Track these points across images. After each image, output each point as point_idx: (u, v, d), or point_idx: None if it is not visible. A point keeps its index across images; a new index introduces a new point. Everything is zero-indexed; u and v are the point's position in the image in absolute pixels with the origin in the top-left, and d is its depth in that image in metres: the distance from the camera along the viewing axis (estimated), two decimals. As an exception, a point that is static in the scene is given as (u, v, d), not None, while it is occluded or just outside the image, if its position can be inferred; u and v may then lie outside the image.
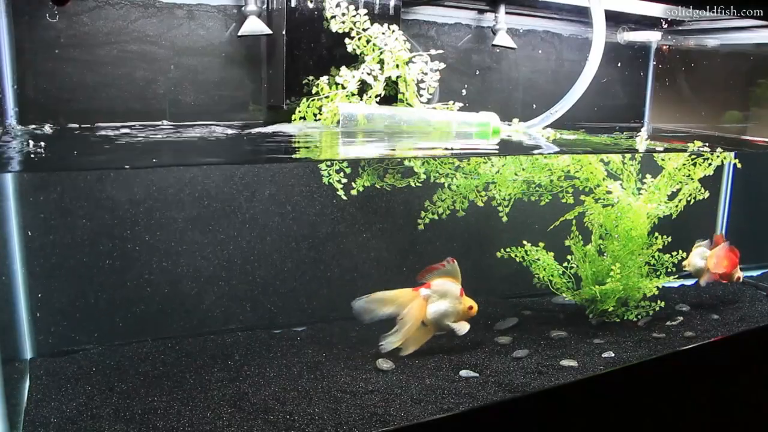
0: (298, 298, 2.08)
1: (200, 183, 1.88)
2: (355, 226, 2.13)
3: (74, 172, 1.74)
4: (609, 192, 2.09)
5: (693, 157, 2.15)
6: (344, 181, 1.90)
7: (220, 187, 1.91)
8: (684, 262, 2.31)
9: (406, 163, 2.00)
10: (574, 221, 2.16)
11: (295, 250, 2.05)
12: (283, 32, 1.73)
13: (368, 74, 1.75)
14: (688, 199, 2.20)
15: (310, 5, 1.74)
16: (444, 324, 1.82)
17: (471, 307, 1.85)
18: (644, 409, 1.81)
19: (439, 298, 1.80)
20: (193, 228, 1.89)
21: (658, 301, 2.20)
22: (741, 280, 2.39)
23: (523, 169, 2.07)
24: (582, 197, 2.12)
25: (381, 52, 1.77)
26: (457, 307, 1.82)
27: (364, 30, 1.75)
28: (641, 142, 2.13)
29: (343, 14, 1.73)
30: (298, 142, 1.66)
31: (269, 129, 1.75)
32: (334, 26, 1.74)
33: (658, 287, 2.17)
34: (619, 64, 2.54)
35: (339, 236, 2.11)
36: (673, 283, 2.43)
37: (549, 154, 2.04)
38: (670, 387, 1.86)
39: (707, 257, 2.32)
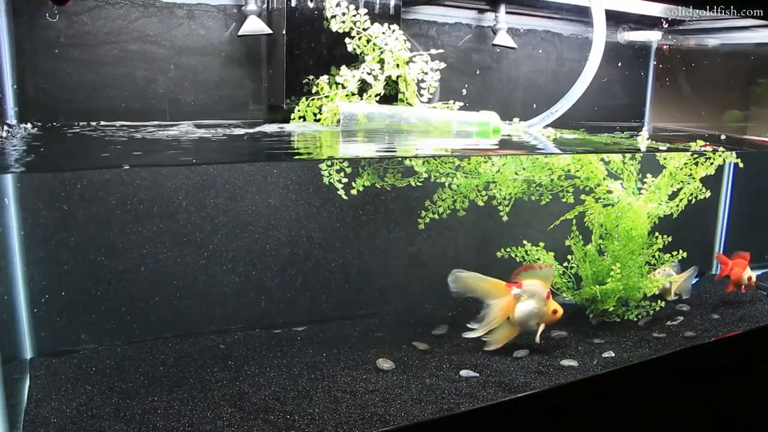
0: (298, 298, 2.08)
1: (200, 183, 1.88)
2: (355, 225, 2.13)
3: (74, 171, 1.74)
4: (609, 191, 2.09)
5: (695, 156, 2.15)
6: (345, 180, 1.90)
7: (220, 186, 1.91)
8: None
9: (407, 162, 2.00)
10: (574, 221, 2.16)
11: (295, 250, 2.05)
12: (283, 32, 1.73)
13: (368, 74, 1.75)
14: (689, 198, 2.20)
15: (311, 5, 1.74)
16: (529, 325, 1.84)
17: (555, 311, 1.87)
18: (644, 409, 1.81)
19: (528, 298, 1.83)
20: (193, 228, 1.89)
21: (659, 301, 2.20)
22: (753, 280, 2.40)
23: (524, 169, 2.06)
24: (582, 197, 2.12)
25: (381, 52, 1.77)
26: (543, 309, 1.84)
27: (364, 29, 1.75)
28: (642, 141, 2.13)
29: (344, 14, 1.73)
30: (298, 141, 1.66)
31: (270, 128, 1.76)
32: (335, 26, 1.74)
33: (658, 287, 2.17)
34: (619, 64, 2.54)
35: (339, 236, 2.11)
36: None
37: (549, 153, 2.04)
38: (670, 387, 1.86)
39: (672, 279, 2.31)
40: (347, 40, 1.75)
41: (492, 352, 1.88)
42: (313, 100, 1.77)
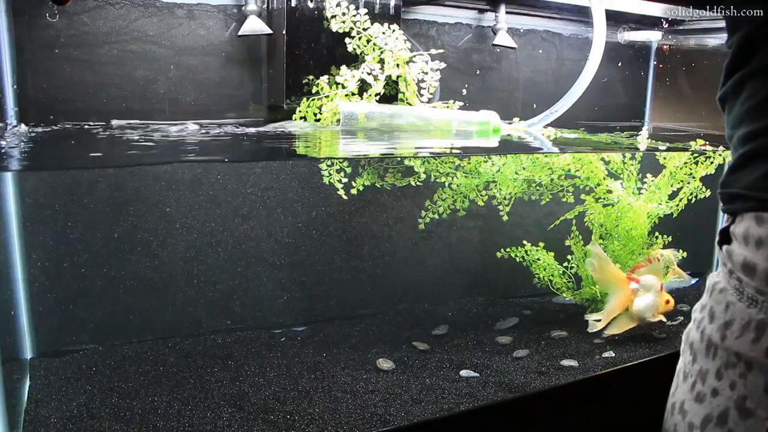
0: (298, 298, 2.08)
1: (201, 182, 1.88)
2: (355, 225, 2.13)
3: (74, 170, 1.74)
4: (609, 191, 2.09)
5: (695, 155, 2.15)
6: (344, 180, 1.90)
7: (220, 186, 1.91)
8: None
9: (407, 162, 2.00)
10: (574, 221, 2.16)
11: (295, 250, 2.05)
12: (284, 32, 1.73)
13: (368, 74, 1.75)
14: (689, 198, 2.20)
15: (311, 5, 1.74)
16: (645, 316, 1.93)
17: (668, 302, 1.97)
18: (644, 409, 1.81)
19: (645, 293, 1.93)
20: (193, 227, 1.89)
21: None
22: None
23: (524, 168, 2.06)
24: (582, 196, 2.12)
25: (381, 52, 1.77)
26: (657, 300, 1.94)
27: (364, 29, 1.75)
28: (642, 141, 2.13)
29: (344, 14, 1.73)
30: (299, 140, 1.66)
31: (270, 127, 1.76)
32: (335, 26, 1.74)
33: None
34: (619, 64, 2.54)
35: (339, 236, 2.11)
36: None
37: (549, 153, 2.04)
38: (670, 386, 1.86)
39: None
40: (347, 40, 1.75)
41: (492, 352, 1.88)
42: (313, 100, 1.77)
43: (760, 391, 0.79)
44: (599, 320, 1.92)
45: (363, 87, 1.77)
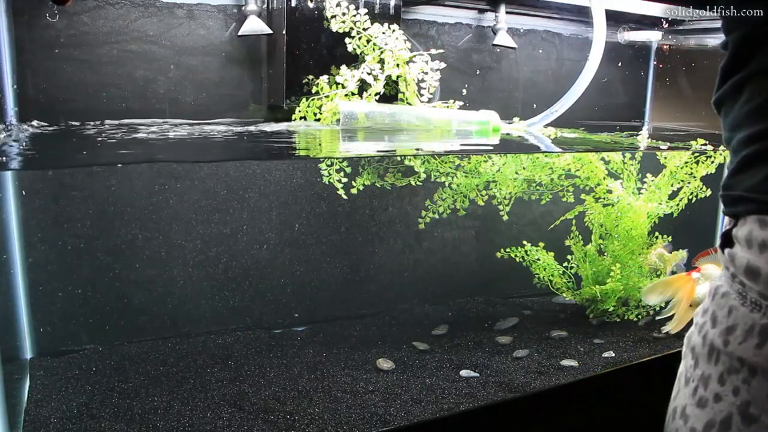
0: (298, 298, 2.08)
1: (201, 181, 1.88)
2: (355, 225, 2.13)
3: (73, 170, 1.74)
4: (609, 191, 2.09)
5: (696, 154, 2.15)
6: (344, 180, 1.90)
7: (219, 185, 1.91)
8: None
9: (407, 161, 2.00)
10: (574, 221, 2.16)
11: (295, 250, 2.05)
12: (284, 32, 1.73)
13: (368, 74, 1.75)
14: (690, 198, 2.20)
15: (311, 5, 1.74)
16: None
17: None
18: (644, 409, 1.81)
19: (705, 281, 1.92)
20: (193, 227, 1.89)
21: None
22: None
23: (524, 168, 2.06)
24: (582, 196, 2.12)
25: (381, 52, 1.77)
26: None
27: (364, 29, 1.75)
28: (642, 140, 2.13)
29: (344, 14, 1.73)
30: (298, 140, 1.66)
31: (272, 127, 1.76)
32: (335, 26, 1.74)
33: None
34: (619, 64, 2.54)
35: (339, 235, 2.11)
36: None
37: (549, 152, 2.04)
38: (671, 387, 1.86)
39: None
40: (347, 40, 1.75)
41: (492, 352, 1.88)
42: (313, 99, 1.77)
43: (764, 396, 0.78)
44: (670, 320, 1.92)
45: (363, 87, 1.77)
